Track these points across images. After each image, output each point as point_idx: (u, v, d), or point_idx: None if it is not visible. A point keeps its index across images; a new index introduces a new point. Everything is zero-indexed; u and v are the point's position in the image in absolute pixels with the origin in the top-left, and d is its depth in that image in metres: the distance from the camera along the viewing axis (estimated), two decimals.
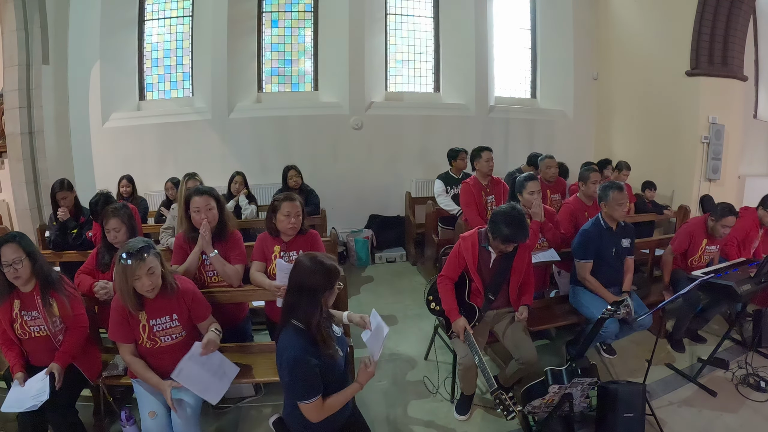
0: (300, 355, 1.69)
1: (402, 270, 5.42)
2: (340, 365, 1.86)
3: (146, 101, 6.01)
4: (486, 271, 2.68)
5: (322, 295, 1.77)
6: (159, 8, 5.94)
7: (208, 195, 2.60)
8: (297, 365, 1.69)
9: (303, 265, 1.79)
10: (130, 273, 1.99)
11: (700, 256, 3.48)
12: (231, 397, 2.80)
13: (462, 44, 6.33)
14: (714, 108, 5.22)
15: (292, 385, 1.73)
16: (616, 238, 3.10)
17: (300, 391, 1.72)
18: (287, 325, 1.78)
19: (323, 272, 1.77)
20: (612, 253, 3.08)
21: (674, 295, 2.71)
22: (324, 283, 1.77)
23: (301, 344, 1.72)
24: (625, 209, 3.09)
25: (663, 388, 2.90)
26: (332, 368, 1.79)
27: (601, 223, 3.10)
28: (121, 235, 2.59)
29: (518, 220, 2.45)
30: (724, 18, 5.05)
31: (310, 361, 1.70)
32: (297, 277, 1.79)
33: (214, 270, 2.62)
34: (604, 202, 3.08)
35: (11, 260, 2.11)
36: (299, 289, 1.77)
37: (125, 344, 2.16)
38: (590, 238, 3.06)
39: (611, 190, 3.03)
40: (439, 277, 2.74)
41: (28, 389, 2.12)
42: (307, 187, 4.78)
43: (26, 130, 5.07)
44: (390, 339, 3.68)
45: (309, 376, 1.70)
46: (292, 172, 4.69)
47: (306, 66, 6.20)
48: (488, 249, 2.65)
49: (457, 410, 2.73)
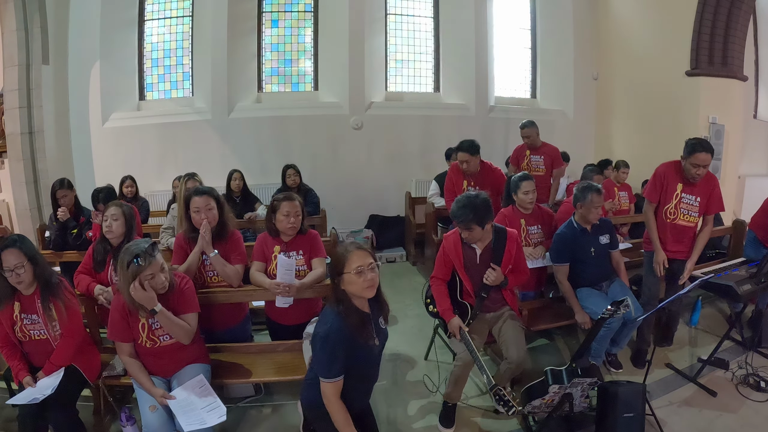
0: (328, 334, 1.79)
1: (402, 270, 5.42)
2: (374, 355, 1.95)
3: (146, 101, 6.01)
4: (474, 269, 2.63)
5: (337, 279, 1.88)
6: (159, 8, 5.94)
7: (208, 195, 2.59)
8: (326, 341, 1.79)
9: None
10: (144, 274, 2.01)
11: (676, 206, 2.98)
12: (231, 397, 2.80)
13: (462, 44, 6.33)
14: (714, 108, 5.22)
15: (318, 359, 1.84)
16: (591, 237, 3.04)
17: (322, 367, 1.81)
18: (331, 303, 1.91)
19: (333, 259, 1.92)
20: (591, 252, 3.02)
21: (674, 295, 2.71)
22: (334, 269, 1.89)
23: (336, 323, 1.82)
24: (600, 212, 3.01)
25: (663, 388, 2.90)
26: (365, 356, 1.89)
27: (574, 225, 3.05)
28: (117, 227, 2.59)
29: (466, 199, 2.47)
30: (724, 18, 5.05)
31: (338, 341, 1.79)
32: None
33: (215, 270, 2.62)
34: (580, 203, 2.97)
35: (13, 266, 2.10)
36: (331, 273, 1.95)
37: (124, 343, 2.17)
38: (564, 241, 3.03)
39: (590, 192, 2.94)
40: (431, 278, 2.73)
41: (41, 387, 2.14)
42: (305, 187, 4.78)
43: (26, 130, 5.07)
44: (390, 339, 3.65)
45: (334, 355, 1.79)
46: (291, 171, 4.69)
47: (306, 66, 6.21)
48: (471, 246, 2.60)
49: (441, 422, 2.62)
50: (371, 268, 1.87)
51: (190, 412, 2.05)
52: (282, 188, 4.66)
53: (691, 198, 2.96)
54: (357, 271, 1.83)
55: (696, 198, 2.96)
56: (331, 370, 1.79)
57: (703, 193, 2.96)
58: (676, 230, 3.03)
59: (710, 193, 2.96)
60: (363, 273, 1.83)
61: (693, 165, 2.85)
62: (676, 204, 2.99)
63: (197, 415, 2.03)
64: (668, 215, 3.02)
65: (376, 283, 1.89)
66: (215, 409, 2.06)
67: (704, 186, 2.96)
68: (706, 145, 2.84)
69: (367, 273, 1.85)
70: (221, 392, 2.73)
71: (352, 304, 1.87)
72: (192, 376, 2.22)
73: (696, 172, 2.85)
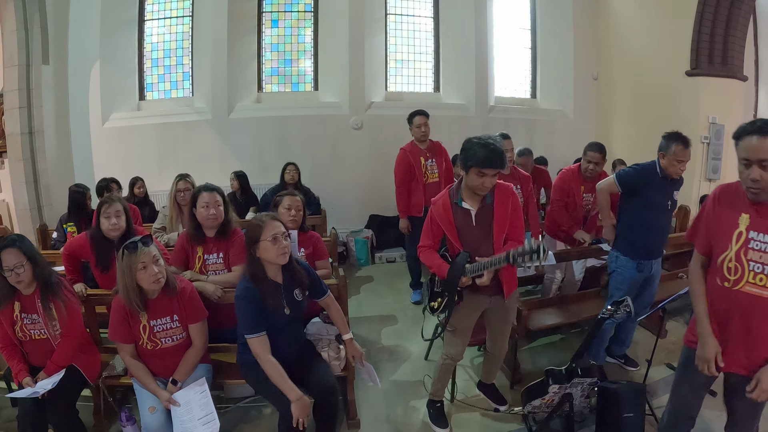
0: (241, 294, 2.05)
1: (402, 270, 5.39)
2: (289, 320, 2.16)
3: (146, 101, 6.01)
4: (468, 234, 2.22)
5: (252, 248, 2.05)
6: (159, 8, 5.93)
7: (215, 192, 2.63)
8: (238, 302, 2.06)
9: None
10: (135, 261, 2.01)
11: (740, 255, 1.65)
12: (231, 397, 2.80)
13: (462, 44, 6.32)
14: (714, 108, 5.22)
15: (239, 319, 2.07)
16: (670, 189, 2.70)
17: (243, 326, 2.05)
18: (246, 268, 2.12)
19: (249, 228, 2.08)
20: (668, 205, 2.69)
21: (674, 295, 2.71)
22: (250, 238, 2.06)
23: (248, 286, 2.06)
24: (683, 168, 2.65)
25: (663, 388, 2.89)
26: (279, 321, 2.10)
27: (656, 168, 2.69)
28: (123, 222, 2.65)
29: (493, 143, 2.09)
30: (724, 18, 5.05)
31: (249, 300, 2.03)
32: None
33: (215, 270, 2.63)
34: (662, 152, 2.65)
35: (12, 265, 2.10)
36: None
37: (125, 345, 2.17)
38: (640, 175, 2.70)
39: (675, 142, 2.57)
40: (419, 248, 2.38)
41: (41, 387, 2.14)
42: (303, 186, 4.81)
43: (26, 130, 5.06)
44: (390, 339, 3.70)
45: (249, 313, 2.03)
46: (290, 167, 4.77)
47: (306, 66, 6.20)
48: (464, 206, 2.21)
49: (435, 423, 2.58)
50: (285, 236, 2.06)
51: (188, 422, 2.07)
52: (279, 185, 4.69)
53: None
54: (272, 238, 2.01)
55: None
56: (249, 327, 2.02)
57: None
58: (740, 304, 1.63)
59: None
60: (277, 240, 2.01)
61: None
62: (741, 250, 1.62)
63: (193, 427, 2.07)
64: (727, 273, 1.66)
65: (289, 251, 2.09)
66: (210, 422, 2.10)
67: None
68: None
69: (281, 240, 2.03)
70: (221, 392, 2.74)
71: (264, 272, 2.07)
72: (194, 377, 2.22)
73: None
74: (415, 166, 4.06)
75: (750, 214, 1.60)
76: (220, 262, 2.64)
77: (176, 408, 2.10)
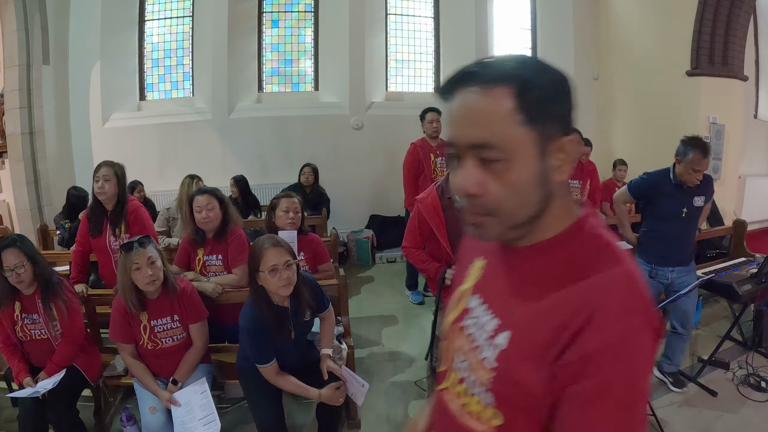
0: (247, 326, 1.93)
1: (402, 270, 5.39)
2: (289, 344, 2.04)
3: (146, 101, 6.00)
4: (459, 233, 2.18)
5: (254, 275, 1.90)
6: (159, 8, 5.93)
7: (210, 194, 2.62)
8: (245, 333, 1.95)
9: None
10: (129, 262, 2.02)
11: None
12: (231, 397, 2.80)
13: (462, 44, 6.32)
14: (714, 108, 5.21)
15: (249, 349, 1.98)
16: (686, 197, 2.56)
17: (254, 357, 1.96)
18: (250, 297, 1.99)
19: (250, 253, 1.95)
20: (681, 213, 2.55)
21: (674, 296, 2.71)
22: (251, 265, 1.92)
23: (254, 318, 1.92)
24: (698, 178, 2.52)
25: (663, 388, 2.90)
26: (282, 345, 2.00)
27: (669, 175, 2.58)
28: (110, 187, 2.72)
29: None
30: (724, 18, 5.05)
31: (256, 334, 1.91)
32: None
33: (215, 272, 2.63)
34: (679, 158, 2.51)
35: (13, 265, 2.11)
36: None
37: (126, 345, 2.17)
38: (651, 182, 2.64)
39: (694, 150, 2.42)
40: (404, 249, 2.35)
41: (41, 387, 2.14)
42: (319, 189, 4.80)
43: (26, 131, 5.06)
44: (390, 339, 3.70)
45: (258, 345, 1.94)
46: (307, 168, 4.76)
47: (306, 66, 6.20)
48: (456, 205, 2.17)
49: None
50: (288, 265, 1.84)
51: (189, 422, 2.07)
52: (295, 185, 4.68)
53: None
54: (271, 269, 1.82)
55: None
56: (261, 359, 1.95)
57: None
58: None
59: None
60: (277, 271, 1.82)
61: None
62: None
63: (194, 427, 2.07)
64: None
65: (293, 281, 1.87)
66: (210, 422, 2.09)
67: None
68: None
69: (282, 272, 1.82)
70: (222, 392, 2.74)
71: (269, 300, 1.92)
72: (195, 377, 2.22)
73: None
74: (424, 161, 4.07)
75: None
76: (219, 264, 2.65)
77: (177, 408, 2.09)
